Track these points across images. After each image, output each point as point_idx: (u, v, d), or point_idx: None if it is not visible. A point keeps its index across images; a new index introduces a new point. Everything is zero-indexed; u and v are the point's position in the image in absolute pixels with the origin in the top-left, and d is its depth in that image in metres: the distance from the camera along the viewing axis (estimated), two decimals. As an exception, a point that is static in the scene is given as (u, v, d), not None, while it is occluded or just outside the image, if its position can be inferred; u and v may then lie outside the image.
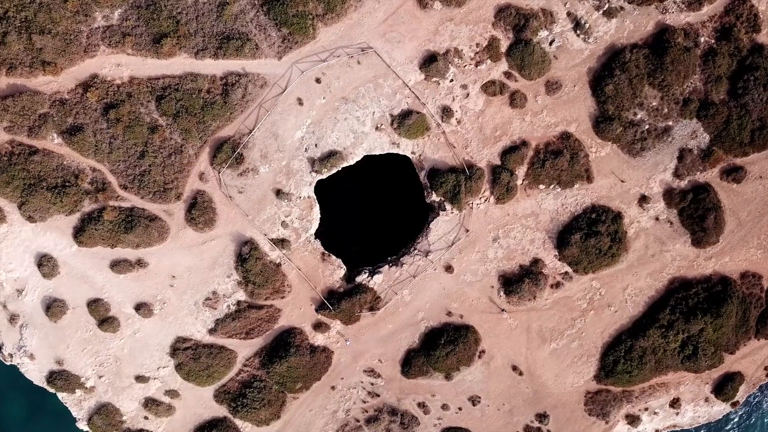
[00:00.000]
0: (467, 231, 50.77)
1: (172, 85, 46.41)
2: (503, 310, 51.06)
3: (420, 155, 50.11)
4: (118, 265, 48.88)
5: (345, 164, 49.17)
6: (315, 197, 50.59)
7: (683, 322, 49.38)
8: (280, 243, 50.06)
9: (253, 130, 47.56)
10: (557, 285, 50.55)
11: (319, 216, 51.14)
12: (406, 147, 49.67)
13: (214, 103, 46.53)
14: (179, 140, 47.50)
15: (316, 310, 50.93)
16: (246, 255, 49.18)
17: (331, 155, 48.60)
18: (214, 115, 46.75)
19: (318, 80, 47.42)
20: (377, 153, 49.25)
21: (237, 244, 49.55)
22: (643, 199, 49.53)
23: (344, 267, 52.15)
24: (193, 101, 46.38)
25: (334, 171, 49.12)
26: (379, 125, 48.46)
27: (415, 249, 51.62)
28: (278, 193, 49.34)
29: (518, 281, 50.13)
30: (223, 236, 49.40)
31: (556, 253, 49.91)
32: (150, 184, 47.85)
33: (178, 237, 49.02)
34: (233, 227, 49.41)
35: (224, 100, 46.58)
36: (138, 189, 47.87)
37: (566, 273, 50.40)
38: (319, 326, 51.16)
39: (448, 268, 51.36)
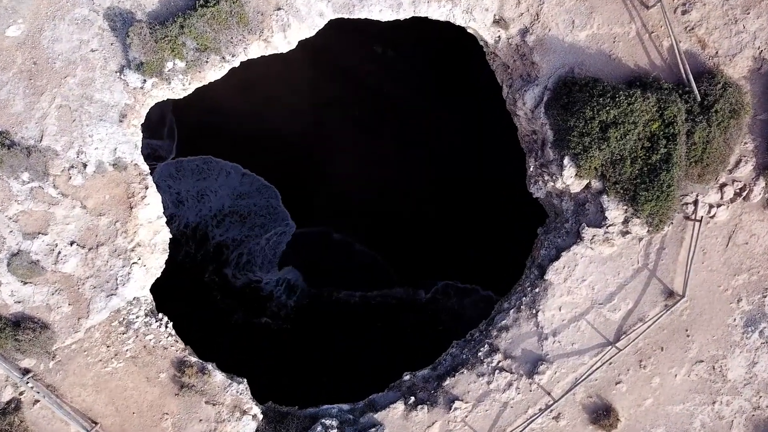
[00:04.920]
0: (673, 296, 15.92)
1: None
2: None
3: (525, 31, 15.43)
4: None
5: (255, 50, 14.25)
6: (149, 172, 14.79)
7: None
8: (12, 338, 14.38)
9: None
10: None
11: (168, 240, 15.62)
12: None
13: None
14: None
15: None
16: None
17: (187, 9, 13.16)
18: None
19: None
20: (374, 16, 14.92)
21: None
22: None
23: (257, 408, 16.33)
24: None
25: (215, 75, 14.19)
26: None
27: (488, 345, 16.56)
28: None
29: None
30: None
31: None
32: None
33: None
34: None
35: None
36: None
37: None
38: None
39: (602, 416, 16.11)
